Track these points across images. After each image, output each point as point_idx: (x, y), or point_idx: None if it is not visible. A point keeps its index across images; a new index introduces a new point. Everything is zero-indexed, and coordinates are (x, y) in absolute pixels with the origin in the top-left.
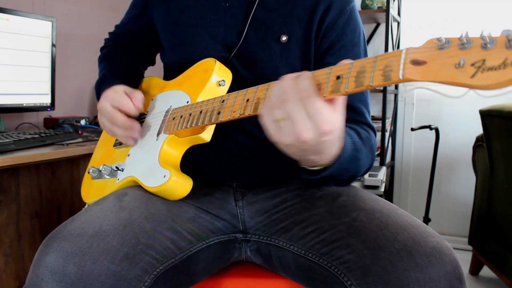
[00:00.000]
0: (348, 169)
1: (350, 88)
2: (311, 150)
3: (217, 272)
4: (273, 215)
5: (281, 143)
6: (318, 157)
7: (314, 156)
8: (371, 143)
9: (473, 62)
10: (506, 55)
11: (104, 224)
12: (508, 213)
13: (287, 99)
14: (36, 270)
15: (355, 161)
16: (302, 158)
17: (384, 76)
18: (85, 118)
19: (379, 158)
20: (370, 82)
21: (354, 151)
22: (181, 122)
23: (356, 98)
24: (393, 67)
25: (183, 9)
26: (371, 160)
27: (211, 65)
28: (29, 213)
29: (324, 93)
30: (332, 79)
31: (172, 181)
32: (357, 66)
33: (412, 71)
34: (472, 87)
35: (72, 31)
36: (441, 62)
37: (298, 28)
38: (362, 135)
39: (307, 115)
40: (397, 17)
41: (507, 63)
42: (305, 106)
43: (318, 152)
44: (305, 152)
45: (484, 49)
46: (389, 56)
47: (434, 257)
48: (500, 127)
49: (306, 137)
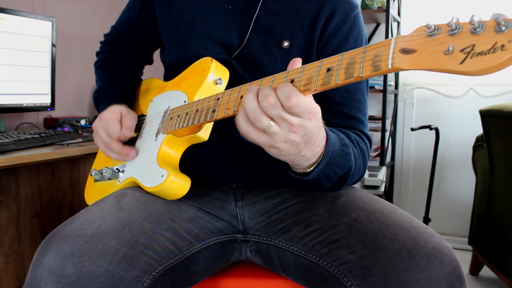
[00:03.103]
0: (339, 165)
1: (340, 80)
2: (303, 141)
3: (217, 273)
4: (273, 215)
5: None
6: (311, 151)
7: (307, 149)
8: (362, 147)
9: (463, 48)
10: (496, 39)
11: (103, 224)
12: (508, 213)
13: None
14: (34, 270)
15: (345, 156)
16: (298, 157)
17: (373, 66)
18: (85, 118)
19: (379, 158)
20: (360, 73)
21: (342, 146)
22: (178, 122)
23: (353, 106)
24: (382, 57)
25: (184, 9)
26: (363, 165)
27: (208, 64)
28: (29, 213)
29: (315, 86)
30: (323, 71)
31: (170, 181)
32: (347, 57)
33: (402, 60)
34: (462, 74)
35: (72, 31)
36: (430, 49)
37: (300, 33)
38: (352, 137)
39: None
40: (397, 17)
41: (496, 47)
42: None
43: (309, 143)
44: (298, 147)
45: (474, 34)
46: (378, 45)
47: (434, 258)
48: (500, 127)
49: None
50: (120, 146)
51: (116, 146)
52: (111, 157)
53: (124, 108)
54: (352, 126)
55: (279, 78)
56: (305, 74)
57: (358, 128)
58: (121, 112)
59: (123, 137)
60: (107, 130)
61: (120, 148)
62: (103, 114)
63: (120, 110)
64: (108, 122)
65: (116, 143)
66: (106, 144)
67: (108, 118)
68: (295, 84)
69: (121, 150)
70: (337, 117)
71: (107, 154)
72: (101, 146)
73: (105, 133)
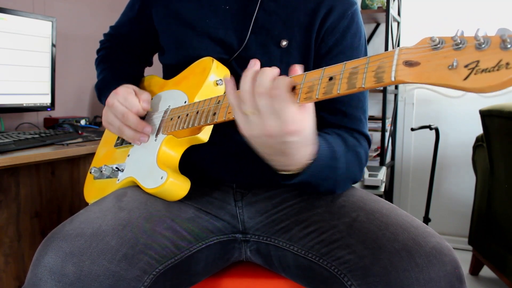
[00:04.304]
0: (325, 178)
1: (343, 89)
2: (277, 148)
3: (217, 272)
4: (273, 215)
5: (249, 136)
6: (286, 159)
7: (281, 157)
8: (358, 150)
9: (467, 63)
10: (500, 56)
11: (103, 224)
12: (508, 213)
13: (259, 93)
14: (35, 270)
15: (332, 169)
16: (270, 157)
17: (376, 77)
18: (85, 118)
19: (379, 158)
20: (362, 84)
21: (331, 160)
22: (178, 123)
23: (352, 104)
24: (385, 69)
25: (182, 10)
26: (357, 169)
27: (209, 64)
28: (29, 213)
29: (317, 95)
30: (325, 80)
31: (169, 183)
32: (350, 67)
33: (405, 73)
34: (465, 90)
35: (72, 31)
36: (434, 63)
37: (298, 32)
38: (349, 142)
39: (274, 111)
40: (397, 17)
41: (501, 64)
42: (274, 102)
43: (285, 153)
44: (272, 149)
45: (478, 49)
46: (381, 57)
47: (434, 257)
48: (500, 127)
49: (270, 130)
50: (138, 119)
51: (134, 119)
52: (124, 134)
53: (137, 87)
54: (351, 125)
55: None
56: (307, 82)
57: (356, 128)
58: (134, 89)
59: (141, 110)
60: (124, 103)
61: (138, 121)
62: (118, 89)
63: (133, 87)
64: (126, 95)
65: (133, 115)
66: (123, 116)
67: (125, 91)
68: (297, 92)
69: (138, 124)
70: (336, 116)
71: (117, 132)
72: (115, 121)
73: (122, 106)
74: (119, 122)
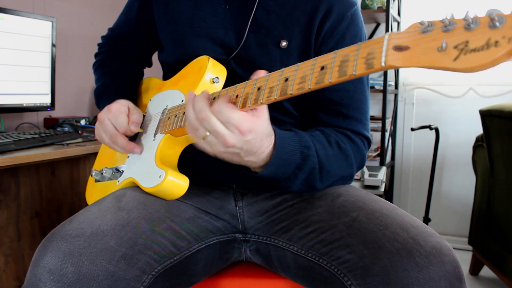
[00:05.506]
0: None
1: (334, 78)
2: (244, 150)
3: (217, 273)
4: (273, 215)
5: (217, 153)
6: (255, 157)
7: (250, 157)
8: (344, 147)
9: (456, 44)
10: (489, 35)
11: (102, 224)
12: (508, 213)
13: (202, 118)
14: (34, 270)
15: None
16: (243, 160)
17: (367, 64)
18: (85, 118)
19: (379, 158)
20: (353, 71)
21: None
22: (175, 121)
23: (352, 107)
24: (376, 54)
25: (182, 9)
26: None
27: (205, 62)
28: (29, 213)
29: (309, 84)
30: (317, 70)
31: (168, 181)
32: (341, 55)
33: (395, 58)
34: (455, 71)
35: (72, 31)
36: (424, 46)
37: (298, 33)
38: (332, 138)
39: (223, 124)
40: (397, 17)
41: (490, 43)
42: (218, 117)
43: (252, 151)
44: (239, 155)
45: (467, 30)
46: (371, 43)
47: (434, 257)
48: (500, 127)
49: (230, 142)
50: (126, 141)
51: (122, 140)
52: (115, 149)
53: (131, 103)
54: (350, 127)
55: (274, 77)
56: (299, 72)
57: (354, 129)
58: (129, 106)
59: (129, 131)
60: (115, 123)
61: (126, 143)
62: (112, 106)
63: (128, 104)
64: (117, 114)
65: (122, 137)
66: (112, 137)
67: (117, 110)
68: (289, 83)
69: (126, 145)
70: (335, 117)
71: (110, 146)
72: (105, 138)
73: (112, 126)
74: (109, 140)
